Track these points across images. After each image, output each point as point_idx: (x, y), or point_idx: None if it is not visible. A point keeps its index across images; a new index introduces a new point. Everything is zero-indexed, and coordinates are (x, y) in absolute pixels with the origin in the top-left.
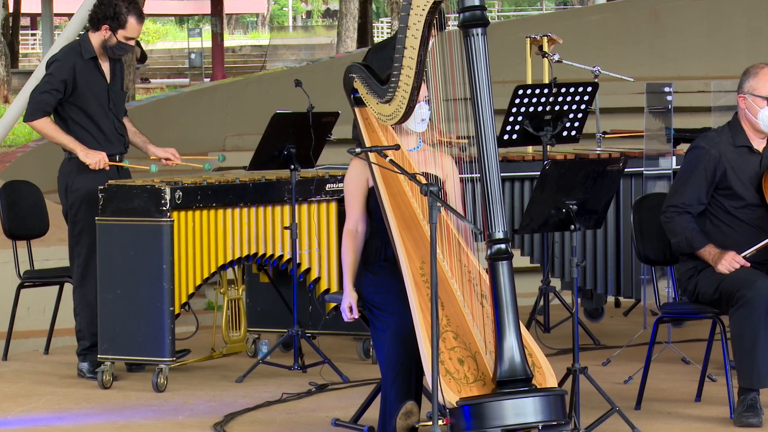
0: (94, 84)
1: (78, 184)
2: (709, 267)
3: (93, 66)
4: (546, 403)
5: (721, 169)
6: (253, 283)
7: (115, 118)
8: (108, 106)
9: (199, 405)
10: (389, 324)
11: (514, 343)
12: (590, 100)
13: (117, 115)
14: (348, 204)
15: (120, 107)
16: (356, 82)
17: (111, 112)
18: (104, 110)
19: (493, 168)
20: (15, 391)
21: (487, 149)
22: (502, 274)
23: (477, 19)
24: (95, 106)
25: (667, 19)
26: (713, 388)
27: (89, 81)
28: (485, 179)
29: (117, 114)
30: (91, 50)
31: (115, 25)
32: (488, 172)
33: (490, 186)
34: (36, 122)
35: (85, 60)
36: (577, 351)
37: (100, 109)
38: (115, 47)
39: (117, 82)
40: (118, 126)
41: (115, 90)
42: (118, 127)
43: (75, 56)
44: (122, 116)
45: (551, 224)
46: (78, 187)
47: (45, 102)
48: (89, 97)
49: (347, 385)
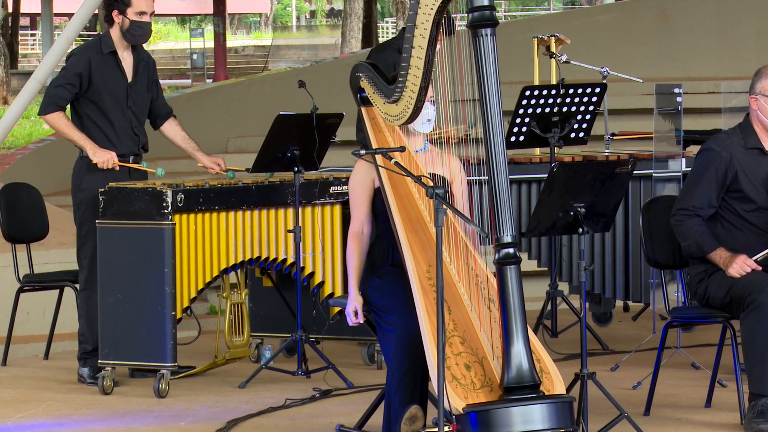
0: (111, 80)
1: (86, 184)
2: (719, 271)
3: (112, 61)
4: (554, 410)
5: (732, 172)
6: (256, 287)
7: (134, 117)
8: (126, 104)
9: (202, 411)
10: (395, 328)
11: (522, 349)
12: (598, 102)
13: (137, 114)
14: (353, 205)
15: (142, 107)
16: (363, 81)
17: (130, 110)
18: (121, 108)
19: (502, 171)
20: (14, 397)
21: (495, 151)
22: (510, 278)
23: (486, 19)
24: (110, 103)
25: (676, 19)
26: (723, 394)
27: (105, 76)
28: (493, 182)
29: (137, 113)
30: (111, 45)
31: (122, 6)
32: (496, 174)
33: (499, 189)
34: (48, 116)
35: (104, 55)
36: (585, 356)
37: (116, 105)
38: (131, 28)
39: (140, 81)
40: (135, 126)
41: (136, 88)
42: (135, 127)
43: (93, 51)
44: (144, 117)
45: (559, 227)
46: (86, 187)
47: (58, 96)
48: (104, 93)
49: (352, 390)
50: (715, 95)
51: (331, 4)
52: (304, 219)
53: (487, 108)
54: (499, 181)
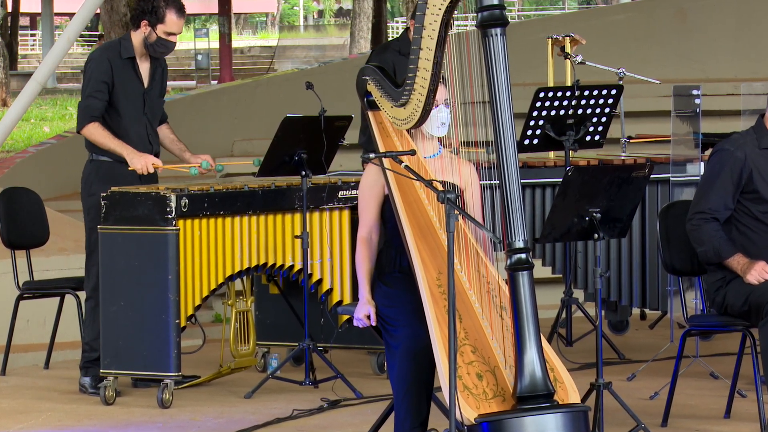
0: (129, 86)
1: (96, 188)
2: (737, 278)
3: (130, 67)
4: (568, 420)
5: (747, 172)
6: (262, 295)
7: (149, 124)
8: (143, 111)
9: (207, 422)
10: (400, 340)
11: (535, 358)
12: (614, 103)
13: (152, 121)
14: (362, 210)
15: (155, 114)
16: (370, 84)
17: (145, 117)
18: (137, 114)
19: (513, 174)
20: (14, 408)
21: (506, 155)
22: (522, 285)
23: (496, 19)
24: (128, 109)
25: (694, 19)
26: (743, 404)
27: (124, 82)
28: (505, 186)
29: (152, 120)
30: (130, 50)
31: (153, 20)
32: (508, 178)
33: (510, 193)
34: (85, 130)
35: (123, 59)
36: (601, 365)
37: (133, 112)
38: (156, 44)
39: (155, 87)
40: (150, 133)
41: (152, 95)
42: (150, 134)
43: (113, 55)
44: (157, 123)
45: (574, 233)
46: (96, 191)
47: (91, 107)
48: (122, 98)
49: (361, 401)
50: (734, 97)
51: (340, 4)
52: (311, 224)
53: (498, 110)
54: (511, 185)
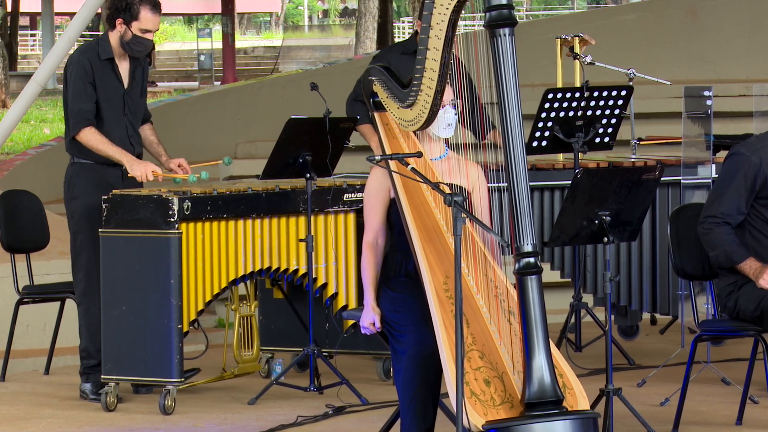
0: (109, 87)
1: (79, 191)
2: (749, 282)
3: (109, 68)
4: (578, 427)
5: (762, 177)
6: (266, 299)
7: (130, 125)
8: (123, 112)
9: (209, 429)
10: (406, 345)
11: (544, 363)
12: (624, 105)
13: (133, 122)
14: (367, 214)
15: (137, 114)
16: (376, 85)
17: (126, 119)
18: (117, 116)
19: (521, 177)
20: (14, 414)
21: (514, 157)
22: (530, 289)
23: (504, 19)
24: (107, 110)
25: (705, 19)
26: (755, 411)
27: (104, 83)
28: (513, 188)
29: (133, 121)
30: (109, 51)
31: (128, 17)
32: (516, 180)
33: (518, 196)
34: (80, 135)
35: (102, 61)
36: (611, 371)
37: (113, 114)
38: (132, 42)
39: (136, 88)
40: (131, 134)
41: (132, 96)
42: (131, 135)
43: (92, 56)
44: (139, 124)
45: (583, 236)
46: (78, 194)
47: (83, 110)
48: (102, 100)
49: (366, 407)
50: (746, 98)
51: (345, 3)
52: (316, 228)
53: (506, 111)
54: (519, 187)
